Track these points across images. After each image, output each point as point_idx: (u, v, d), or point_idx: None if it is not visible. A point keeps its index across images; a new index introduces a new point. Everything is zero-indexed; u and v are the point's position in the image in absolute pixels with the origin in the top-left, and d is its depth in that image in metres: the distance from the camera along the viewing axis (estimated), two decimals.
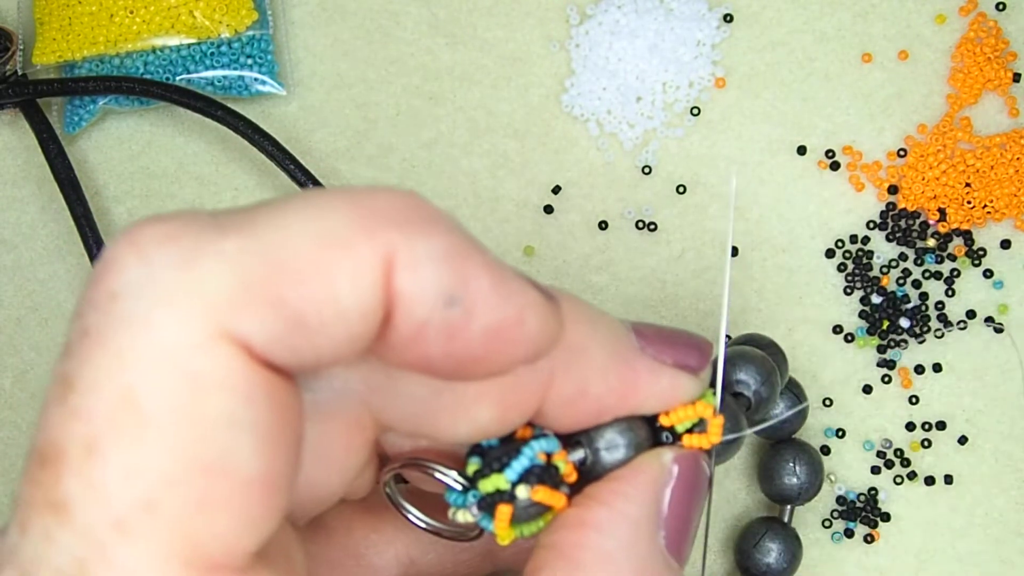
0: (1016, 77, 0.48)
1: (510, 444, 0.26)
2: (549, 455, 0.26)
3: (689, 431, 0.28)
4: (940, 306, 0.47)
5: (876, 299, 0.46)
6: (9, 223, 0.49)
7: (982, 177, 0.47)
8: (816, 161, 0.48)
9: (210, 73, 0.49)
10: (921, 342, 0.47)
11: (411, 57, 0.50)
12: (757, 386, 0.36)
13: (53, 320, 0.48)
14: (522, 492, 0.26)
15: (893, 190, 0.47)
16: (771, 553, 0.43)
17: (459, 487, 0.26)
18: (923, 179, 0.47)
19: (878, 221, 0.47)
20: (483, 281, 0.22)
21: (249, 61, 0.49)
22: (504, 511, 0.26)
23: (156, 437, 0.20)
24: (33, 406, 0.47)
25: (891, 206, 0.47)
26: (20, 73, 0.49)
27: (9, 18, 0.50)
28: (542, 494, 0.26)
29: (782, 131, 0.48)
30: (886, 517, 0.45)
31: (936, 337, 0.47)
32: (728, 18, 0.49)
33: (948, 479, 0.46)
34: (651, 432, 0.28)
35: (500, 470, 0.26)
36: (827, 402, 0.46)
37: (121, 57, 0.49)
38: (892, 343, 0.46)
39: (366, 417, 0.27)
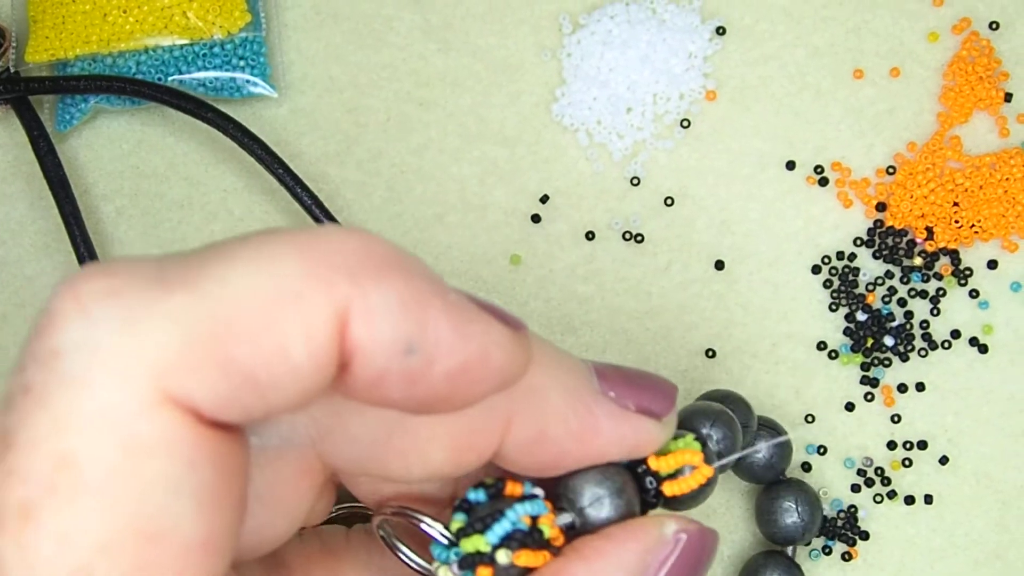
0: (1007, 97, 0.48)
1: (497, 502, 0.26)
2: (535, 518, 0.26)
3: (671, 476, 0.27)
4: (925, 325, 0.46)
5: (861, 316, 0.46)
6: None
7: (970, 196, 0.47)
8: (805, 176, 0.48)
9: (202, 74, 0.49)
10: (905, 360, 0.46)
11: (403, 62, 0.50)
12: (719, 436, 0.36)
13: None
14: (502, 557, 0.25)
15: (881, 207, 0.47)
16: None
17: (445, 541, 0.26)
18: (911, 197, 0.47)
19: (865, 238, 0.47)
20: (442, 325, 0.22)
21: (241, 63, 0.49)
22: (484, 573, 0.25)
23: (93, 503, 0.20)
24: None
25: (879, 223, 0.47)
26: (12, 70, 0.49)
27: (2, 15, 0.51)
28: (524, 558, 0.25)
29: (771, 145, 0.48)
30: (865, 535, 0.45)
31: (920, 356, 0.46)
32: (721, 31, 0.49)
33: (928, 499, 0.46)
34: (632, 477, 0.27)
35: (482, 531, 0.25)
36: (809, 418, 0.46)
37: (114, 56, 0.49)
38: (876, 361, 0.46)
39: (315, 460, 0.26)
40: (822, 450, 0.46)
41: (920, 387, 0.46)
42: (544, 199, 0.48)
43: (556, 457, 0.26)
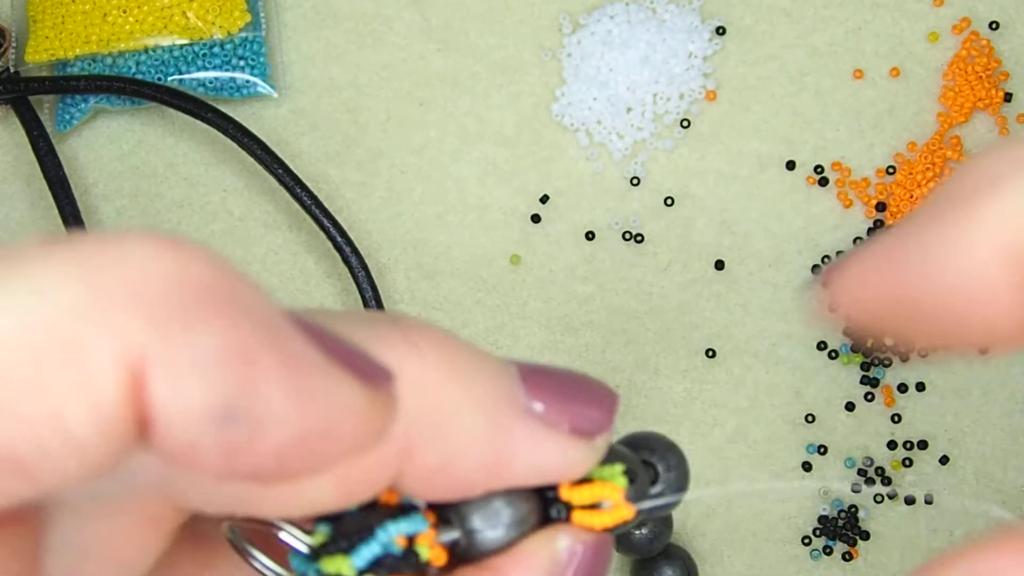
0: (1007, 97, 0.48)
1: (368, 514, 0.22)
2: (411, 537, 0.22)
3: (589, 505, 0.23)
4: None
5: None
6: None
7: None
8: (805, 176, 0.48)
9: (202, 74, 0.49)
10: (905, 360, 0.46)
11: (403, 63, 0.50)
12: (662, 452, 0.33)
13: None
14: None
15: (881, 207, 0.47)
16: None
17: (305, 550, 0.22)
18: (911, 197, 0.47)
19: (865, 238, 0.47)
20: (274, 387, 0.17)
21: (241, 63, 0.49)
22: None
23: None
24: None
25: (879, 223, 0.47)
26: (12, 70, 0.49)
27: (3, 15, 0.51)
28: None
29: (771, 145, 0.48)
30: (865, 535, 0.45)
31: (920, 356, 0.46)
32: (721, 31, 0.49)
33: (928, 499, 0.46)
34: (538, 502, 0.23)
35: (347, 551, 0.21)
36: (809, 418, 0.46)
37: (113, 56, 0.49)
38: (876, 361, 0.46)
39: (164, 506, 0.21)
40: (822, 450, 0.46)
41: (920, 387, 0.46)
42: (544, 199, 0.48)
43: (462, 487, 0.22)
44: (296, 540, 0.21)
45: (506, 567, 0.22)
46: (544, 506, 0.23)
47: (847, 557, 0.45)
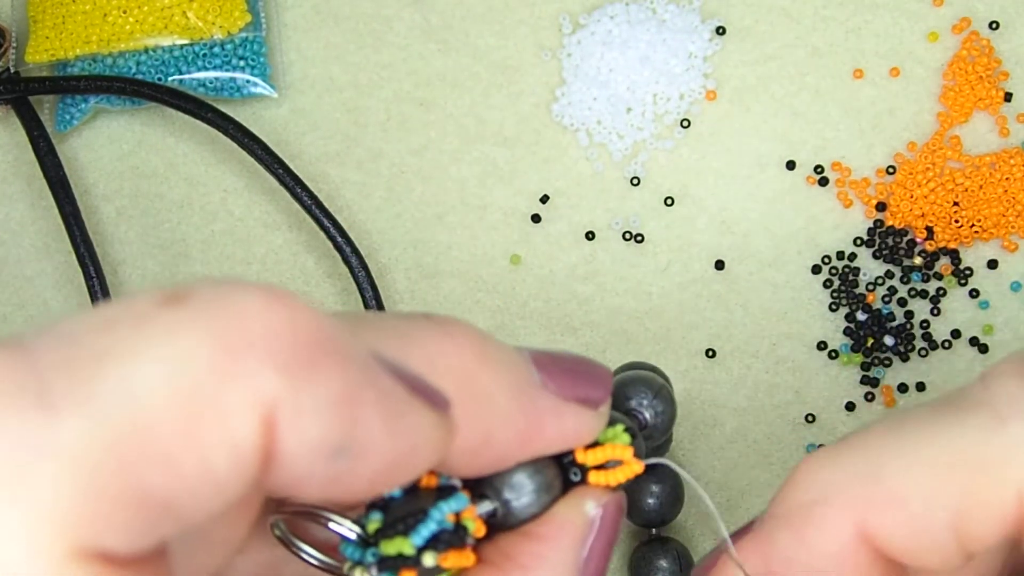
0: (1007, 97, 0.48)
1: (414, 499, 0.24)
2: (457, 514, 0.24)
3: (599, 466, 0.27)
4: (925, 325, 0.46)
5: (861, 316, 0.46)
6: None
7: (970, 196, 0.47)
8: (805, 176, 0.48)
9: (202, 74, 0.49)
10: (905, 360, 0.46)
11: (403, 62, 0.50)
12: (649, 402, 0.34)
13: (39, 318, 0.48)
14: (429, 560, 0.24)
15: (881, 207, 0.47)
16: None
17: (356, 539, 0.24)
18: (911, 197, 0.47)
19: (865, 238, 0.47)
20: (375, 424, 0.19)
21: (241, 63, 0.49)
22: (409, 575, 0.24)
23: None
24: None
25: (879, 223, 0.47)
26: (13, 70, 0.49)
27: (3, 15, 0.51)
28: (451, 559, 0.24)
29: (771, 145, 0.48)
30: None
31: (920, 356, 0.46)
32: (720, 31, 0.49)
33: None
34: (558, 469, 0.26)
35: (405, 533, 0.24)
36: (809, 418, 0.46)
37: (114, 56, 0.49)
38: (876, 361, 0.46)
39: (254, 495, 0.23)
40: None
41: (920, 387, 0.46)
42: (544, 199, 0.48)
43: (499, 459, 0.24)
44: (346, 529, 0.24)
45: (543, 531, 0.25)
46: (563, 472, 0.26)
47: None
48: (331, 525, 0.24)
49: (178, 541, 0.21)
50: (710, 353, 0.47)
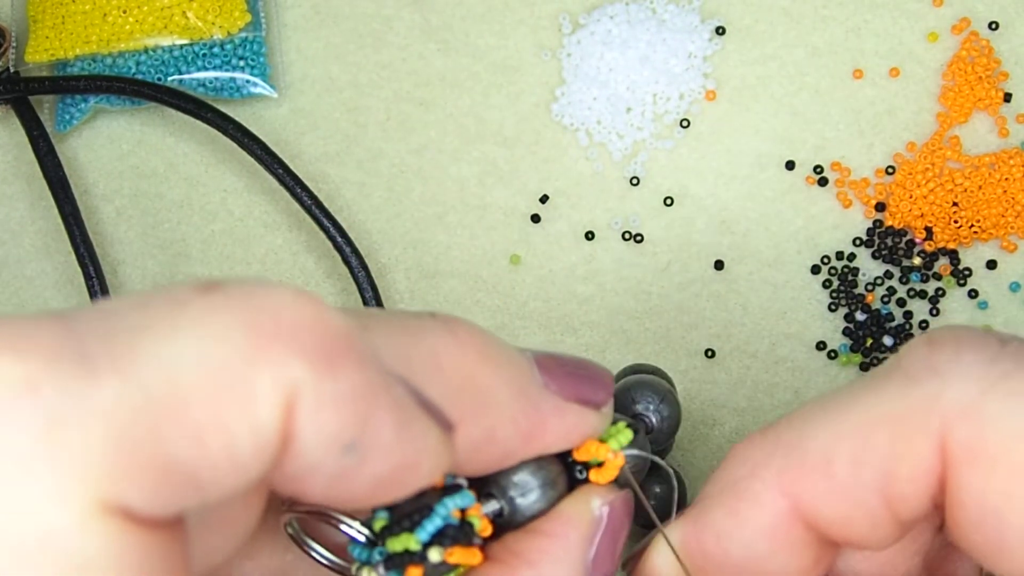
0: (1007, 97, 0.48)
1: (420, 498, 0.25)
2: (463, 510, 0.25)
3: (600, 464, 0.27)
4: (924, 325, 0.46)
5: (860, 316, 0.46)
6: None
7: (970, 197, 0.47)
8: (804, 176, 0.48)
9: (202, 74, 0.49)
10: None
11: (402, 62, 0.50)
12: (656, 406, 0.35)
13: None
14: (435, 555, 0.24)
15: (880, 207, 0.47)
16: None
17: (364, 540, 0.25)
18: (911, 197, 0.47)
19: (864, 238, 0.47)
20: (386, 426, 0.20)
21: (241, 63, 0.49)
22: (415, 573, 0.24)
23: None
24: None
25: (878, 223, 0.47)
26: (12, 70, 0.49)
27: (3, 15, 0.51)
28: (457, 555, 0.24)
29: (771, 145, 0.48)
30: None
31: None
32: (720, 31, 0.49)
33: None
34: (562, 466, 0.27)
35: (411, 529, 0.24)
36: None
37: (113, 56, 0.49)
38: (875, 361, 0.46)
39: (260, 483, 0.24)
40: None
41: None
42: (544, 199, 0.48)
43: (502, 456, 0.25)
44: (355, 530, 0.24)
45: (550, 528, 0.26)
46: (568, 470, 0.27)
47: None
48: (341, 526, 0.24)
49: (193, 518, 0.21)
50: (709, 353, 0.47)
